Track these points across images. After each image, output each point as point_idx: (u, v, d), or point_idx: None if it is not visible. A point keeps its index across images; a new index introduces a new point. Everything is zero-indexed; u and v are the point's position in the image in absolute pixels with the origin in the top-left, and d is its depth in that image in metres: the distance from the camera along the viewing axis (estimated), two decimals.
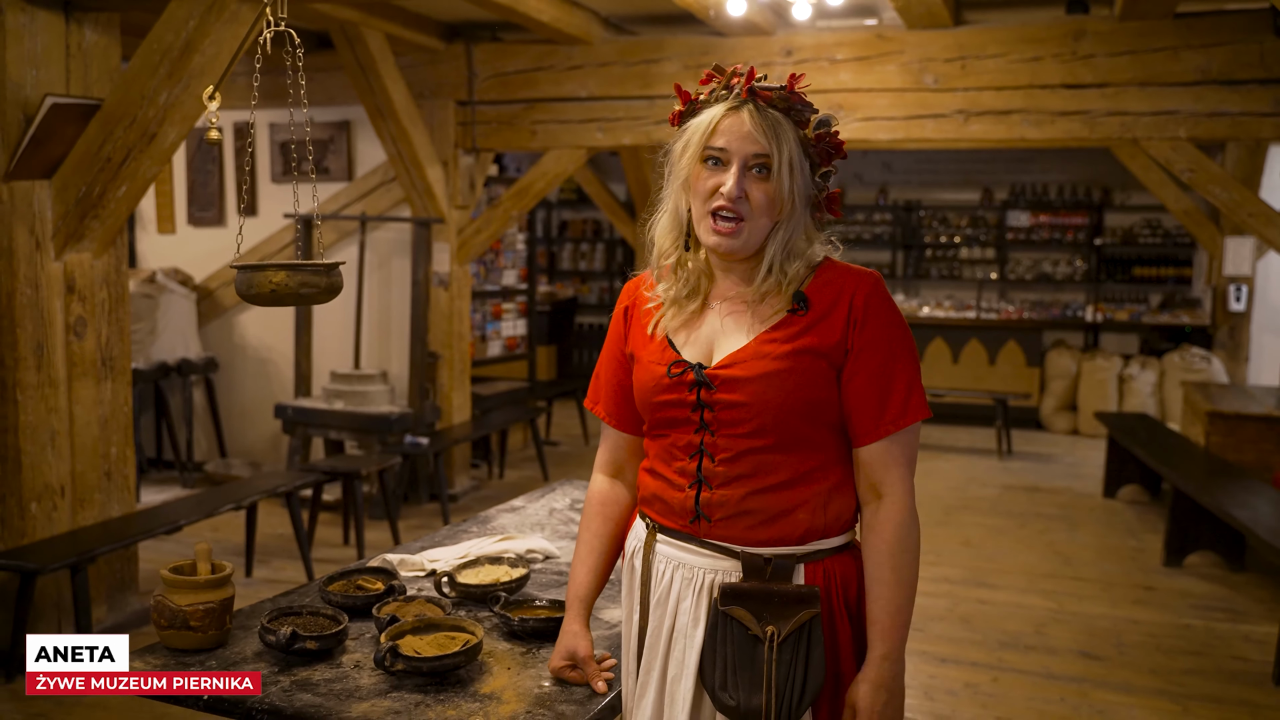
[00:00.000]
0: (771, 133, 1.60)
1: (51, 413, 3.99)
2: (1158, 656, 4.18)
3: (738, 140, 1.60)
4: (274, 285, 1.95)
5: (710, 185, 1.62)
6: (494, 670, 1.89)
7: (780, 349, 1.61)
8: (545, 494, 3.18)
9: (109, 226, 4.03)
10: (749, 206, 1.61)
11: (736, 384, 1.61)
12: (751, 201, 1.60)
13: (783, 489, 1.61)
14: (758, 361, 1.61)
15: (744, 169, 1.60)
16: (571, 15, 5.61)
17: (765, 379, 1.60)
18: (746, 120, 1.60)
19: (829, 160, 1.67)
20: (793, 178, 1.62)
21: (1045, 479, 7.27)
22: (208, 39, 3.68)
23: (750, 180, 1.61)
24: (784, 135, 1.61)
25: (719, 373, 1.63)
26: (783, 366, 1.60)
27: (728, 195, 1.60)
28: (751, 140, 1.60)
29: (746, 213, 1.61)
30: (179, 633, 1.90)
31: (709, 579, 1.64)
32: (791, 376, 1.59)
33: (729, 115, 1.62)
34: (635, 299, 1.80)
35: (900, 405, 1.61)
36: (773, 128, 1.61)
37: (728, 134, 1.61)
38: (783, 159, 1.60)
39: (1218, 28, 5.11)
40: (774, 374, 1.59)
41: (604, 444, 1.87)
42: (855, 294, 1.62)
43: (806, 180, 1.64)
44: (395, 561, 2.39)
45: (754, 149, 1.60)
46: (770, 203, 1.61)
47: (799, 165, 1.62)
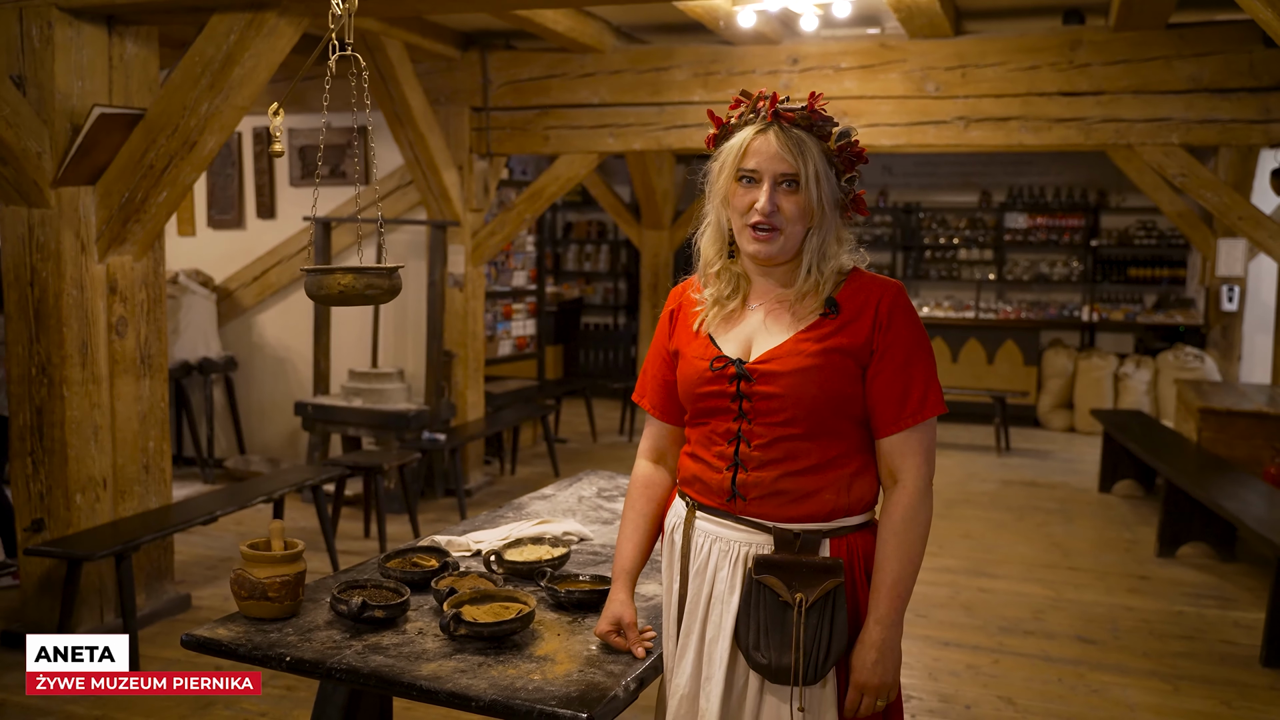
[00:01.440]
0: (797, 150, 1.79)
1: (95, 408, 4.17)
2: (1151, 640, 4.37)
3: (767, 160, 1.80)
4: (342, 286, 2.14)
5: (746, 202, 1.82)
6: (545, 636, 2.08)
7: (813, 347, 1.80)
8: (573, 483, 3.38)
9: (149, 230, 4.22)
10: (782, 218, 1.80)
11: (773, 377, 1.80)
12: (784, 213, 1.80)
13: (811, 472, 1.80)
14: (793, 358, 1.80)
15: (774, 185, 1.80)
16: (585, 25, 5.80)
17: (800, 374, 1.79)
18: (773, 141, 1.79)
19: (852, 167, 1.86)
20: (820, 188, 1.80)
21: (1043, 474, 7.47)
22: (247, 52, 3.87)
23: (781, 195, 1.80)
24: (808, 151, 1.80)
25: (758, 367, 1.82)
26: (815, 363, 1.79)
27: (761, 211, 1.79)
28: (779, 160, 1.79)
29: (780, 224, 1.80)
30: (258, 603, 2.08)
31: (744, 551, 1.83)
32: (823, 372, 1.78)
33: (758, 137, 1.81)
34: (682, 302, 2.00)
35: (918, 401, 1.80)
36: (798, 145, 1.79)
37: (757, 155, 1.80)
38: (809, 173, 1.79)
39: (1209, 38, 5.31)
40: (807, 369, 1.79)
41: (648, 432, 2.07)
42: (881, 301, 1.83)
43: (833, 187, 1.83)
44: (444, 542, 2.58)
45: (782, 168, 1.79)
46: (801, 212, 1.81)
47: (825, 175, 1.81)
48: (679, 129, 6.15)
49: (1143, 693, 3.86)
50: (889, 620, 1.77)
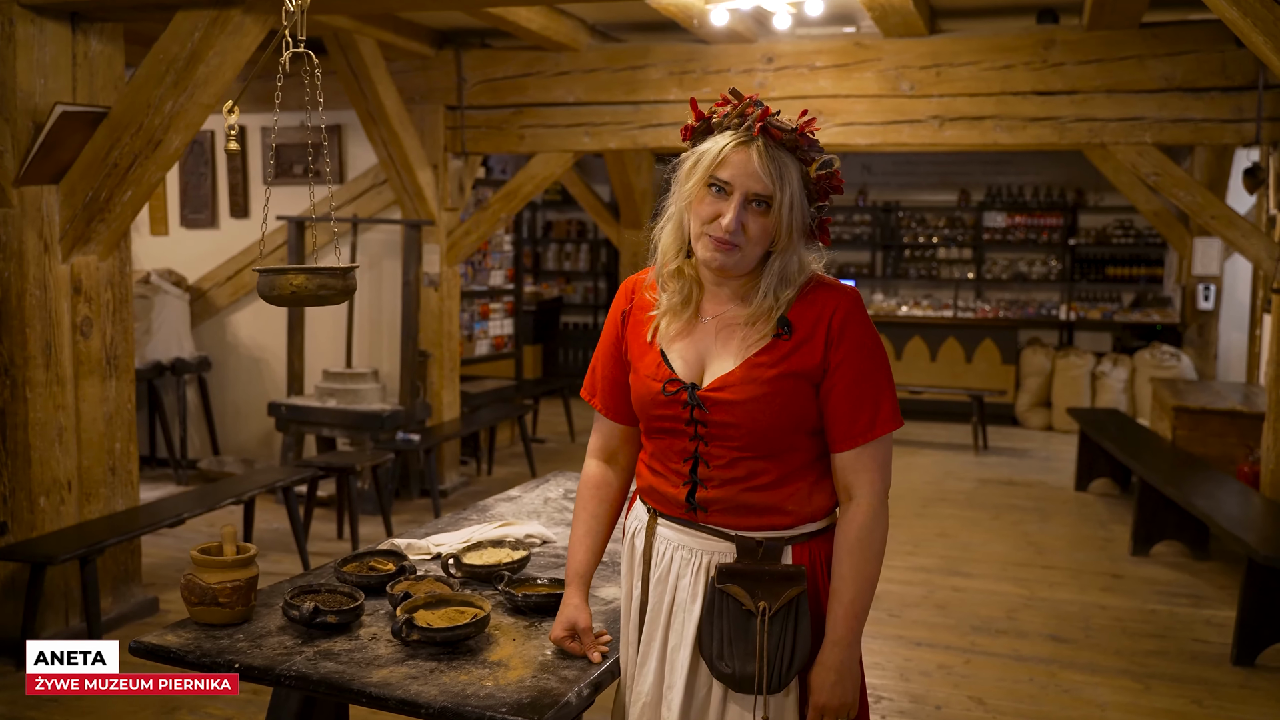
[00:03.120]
0: (777, 173, 1.70)
1: (59, 410, 4.12)
2: (1123, 639, 4.38)
3: (743, 177, 1.70)
4: (295, 287, 2.11)
5: (711, 211, 1.73)
6: (500, 641, 2.06)
7: (766, 374, 1.75)
8: (540, 484, 3.35)
9: (114, 230, 4.17)
10: (745, 237, 1.72)
11: (727, 406, 1.76)
12: (748, 233, 1.72)
13: (771, 488, 1.78)
14: (746, 386, 1.75)
15: (744, 203, 1.71)
16: (559, 23, 5.77)
17: (754, 402, 1.74)
18: (754, 158, 1.69)
19: (826, 196, 1.79)
20: (793, 215, 1.73)
21: (1019, 473, 7.49)
22: (212, 50, 3.83)
23: (750, 214, 1.72)
24: (788, 175, 1.72)
25: (710, 394, 1.77)
26: (769, 390, 1.74)
27: (725, 228, 1.71)
28: (756, 180, 1.70)
29: (742, 242, 1.73)
30: (208, 609, 2.05)
31: (706, 559, 1.81)
32: (778, 399, 1.74)
33: (738, 149, 1.70)
34: (633, 303, 1.93)
35: (870, 418, 1.76)
36: (779, 168, 1.70)
37: (734, 168, 1.70)
38: (784, 198, 1.71)
39: (1182, 37, 5.33)
40: (761, 398, 1.74)
41: (597, 431, 2.02)
42: (835, 315, 1.76)
43: (805, 213, 1.76)
44: (403, 545, 2.56)
45: (757, 188, 1.70)
46: (765, 234, 1.73)
47: (799, 202, 1.74)
48: (655, 128, 6.13)
49: (1113, 692, 3.86)
50: (846, 641, 1.75)
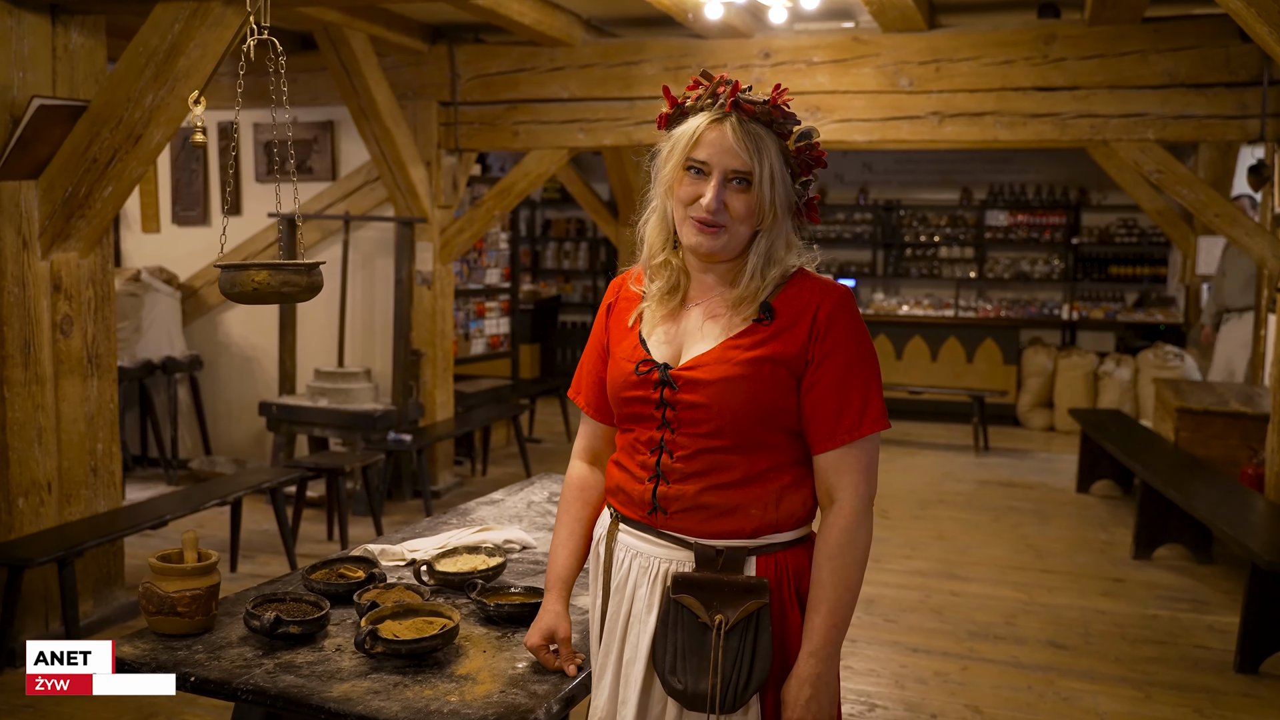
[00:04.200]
0: (753, 147, 1.65)
1: (38, 409, 4.04)
2: (1123, 645, 4.29)
3: (719, 154, 1.65)
4: (256, 284, 2.03)
5: (691, 193, 1.68)
6: (470, 653, 1.97)
7: (742, 355, 1.67)
8: (524, 487, 3.27)
9: (95, 226, 4.09)
10: (728, 216, 1.66)
11: (697, 386, 1.68)
12: (731, 211, 1.66)
13: (736, 486, 1.68)
14: (719, 366, 1.67)
15: (724, 181, 1.66)
16: (553, 18, 5.69)
17: (725, 383, 1.66)
18: (729, 134, 1.65)
19: (809, 170, 1.72)
20: (774, 189, 1.67)
21: (1020, 474, 7.39)
22: (192, 42, 3.75)
23: (730, 192, 1.66)
24: (765, 149, 1.66)
25: (682, 374, 1.70)
26: (743, 373, 1.66)
27: (706, 208, 1.65)
28: (733, 155, 1.65)
29: (726, 221, 1.66)
30: (166, 618, 1.97)
31: (664, 568, 1.72)
32: (751, 383, 1.66)
33: (712, 128, 1.66)
34: (619, 295, 1.87)
35: (856, 416, 1.67)
36: (755, 142, 1.65)
37: (710, 147, 1.66)
38: (764, 172, 1.65)
39: (1185, 32, 5.23)
40: (734, 379, 1.66)
41: (582, 432, 1.95)
42: (820, 307, 1.68)
43: (788, 189, 1.70)
44: (376, 551, 2.47)
45: (735, 164, 1.65)
46: (749, 212, 1.67)
47: (780, 176, 1.68)
48: (650, 124, 6.04)
49: (1113, 700, 3.77)
50: (824, 653, 1.65)
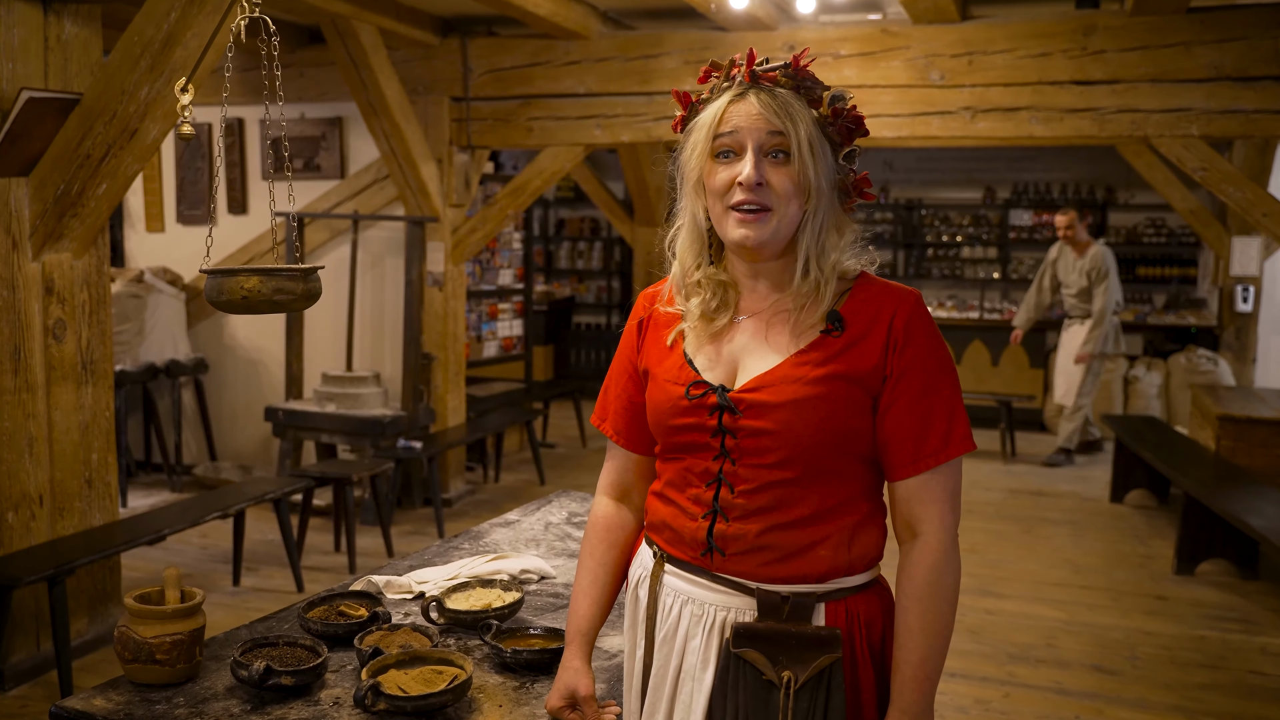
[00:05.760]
0: (784, 111, 1.44)
1: (29, 419, 3.84)
2: (1172, 670, 4.05)
3: (748, 125, 1.44)
4: (246, 292, 1.81)
5: (725, 179, 1.46)
6: (484, 708, 1.75)
7: (813, 373, 1.45)
8: (541, 506, 3.05)
9: (89, 226, 3.89)
10: (772, 193, 1.44)
11: (763, 409, 1.46)
12: (775, 188, 1.44)
13: (805, 524, 1.47)
14: (788, 386, 1.45)
15: (760, 154, 1.45)
16: (569, 9, 5.47)
17: (795, 405, 1.44)
18: (754, 103, 1.45)
19: (850, 137, 1.51)
20: (814, 159, 1.45)
21: (1050, 483, 7.14)
22: (190, 31, 3.54)
23: (769, 167, 1.45)
24: (798, 114, 1.45)
25: (744, 396, 1.47)
26: (815, 393, 1.44)
27: (746, 181, 1.43)
28: (763, 120, 1.44)
29: (771, 200, 1.44)
30: (144, 667, 1.76)
31: (720, 617, 1.50)
32: (824, 404, 1.44)
33: (735, 103, 1.47)
34: (652, 312, 1.65)
35: (941, 437, 1.46)
36: (784, 107, 1.45)
37: (736, 119, 1.46)
38: (800, 137, 1.44)
39: (1231, 22, 4.98)
40: (805, 400, 1.44)
41: (610, 464, 1.72)
42: (895, 315, 1.47)
43: (830, 164, 1.48)
44: (381, 583, 2.26)
45: (767, 128, 1.44)
46: (795, 187, 1.45)
47: (819, 146, 1.46)
48: (669, 119, 5.75)
49: None
50: (916, 710, 1.43)
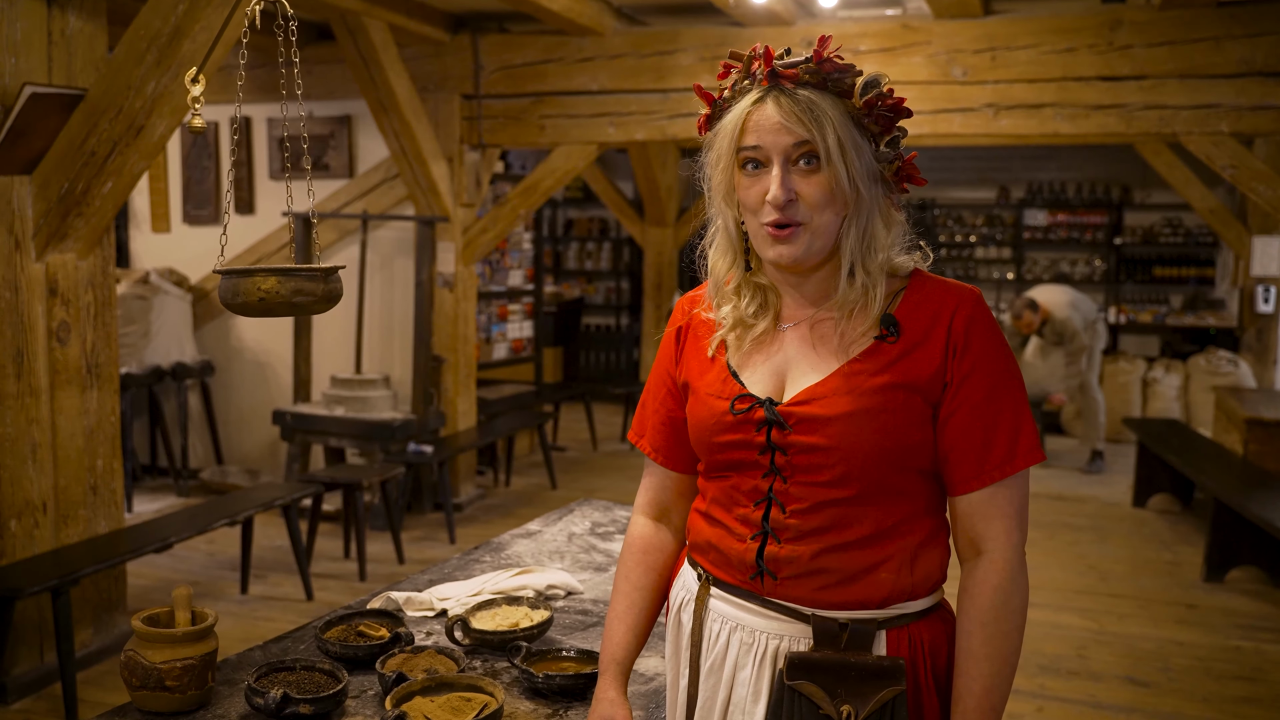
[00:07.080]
0: (808, 116, 1.32)
1: (32, 424, 3.74)
2: (1209, 683, 3.93)
3: (770, 135, 1.33)
4: (263, 293, 1.70)
5: (756, 195, 1.35)
6: None
7: (869, 383, 1.34)
8: (563, 516, 2.94)
9: (94, 225, 3.79)
10: (804, 208, 1.33)
11: (816, 424, 1.34)
12: (806, 200, 1.33)
13: (863, 545, 1.35)
14: (842, 398, 1.34)
15: (786, 165, 1.33)
16: (583, 5, 5.36)
17: (851, 418, 1.33)
18: (775, 112, 1.33)
19: (891, 125, 1.37)
20: (848, 161, 1.33)
21: (1070, 486, 7.01)
22: (198, 24, 3.43)
23: (798, 176, 1.33)
24: (824, 116, 1.32)
25: (794, 410, 1.36)
26: (872, 404, 1.33)
27: (774, 201, 1.32)
28: (785, 131, 1.32)
29: (803, 215, 1.33)
30: (153, 694, 1.65)
31: (773, 645, 1.39)
32: (882, 416, 1.33)
33: (755, 109, 1.35)
34: (691, 319, 1.53)
35: (1006, 448, 1.34)
36: (807, 110, 1.32)
37: (758, 129, 1.34)
38: (829, 143, 1.32)
39: (1263, 17, 4.86)
40: (861, 413, 1.33)
41: (647, 482, 1.60)
42: (955, 316, 1.36)
43: (868, 160, 1.35)
44: (401, 600, 2.14)
45: (790, 139, 1.33)
46: (828, 196, 1.33)
47: (853, 144, 1.33)
48: (685, 118, 5.70)
49: None
50: None
